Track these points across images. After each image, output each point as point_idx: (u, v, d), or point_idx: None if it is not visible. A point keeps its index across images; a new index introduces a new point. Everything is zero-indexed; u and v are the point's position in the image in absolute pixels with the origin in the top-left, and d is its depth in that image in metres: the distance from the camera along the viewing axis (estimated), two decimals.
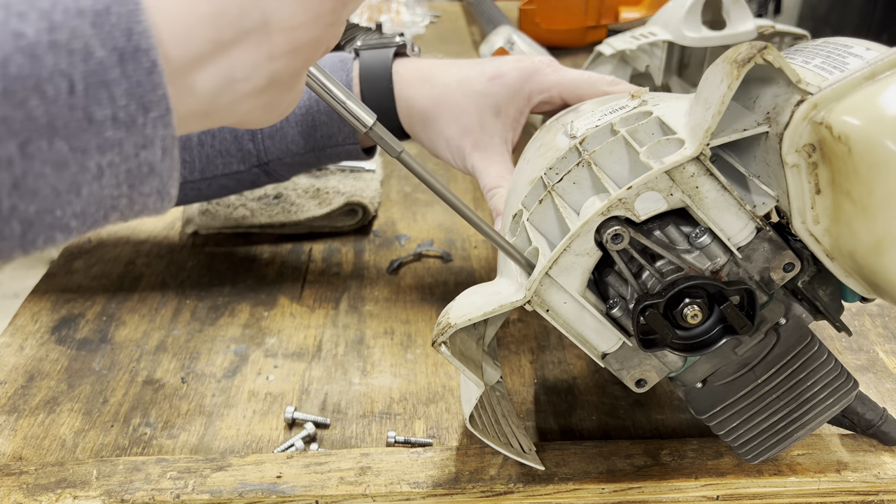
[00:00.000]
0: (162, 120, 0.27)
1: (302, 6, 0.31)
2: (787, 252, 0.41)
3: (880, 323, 0.65)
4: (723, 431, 0.45)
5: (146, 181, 0.28)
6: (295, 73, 0.34)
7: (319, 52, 0.35)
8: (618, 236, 0.39)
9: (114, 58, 0.25)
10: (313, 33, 0.33)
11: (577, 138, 0.45)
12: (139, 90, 0.26)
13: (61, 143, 0.25)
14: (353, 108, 0.41)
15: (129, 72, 0.26)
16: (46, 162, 0.25)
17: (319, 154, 0.66)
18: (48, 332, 0.64)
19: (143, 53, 0.26)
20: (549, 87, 0.61)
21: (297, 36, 0.32)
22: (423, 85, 0.62)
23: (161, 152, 0.28)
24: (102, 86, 0.25)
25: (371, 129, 0.42)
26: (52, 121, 0.25)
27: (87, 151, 0.26)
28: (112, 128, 0.26)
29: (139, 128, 0.27)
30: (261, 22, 0.30)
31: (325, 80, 0.41)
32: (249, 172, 0.66)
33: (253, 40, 0.30)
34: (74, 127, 0.25)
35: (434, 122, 0.62)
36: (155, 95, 0.27)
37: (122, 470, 0.48)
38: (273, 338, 0.64)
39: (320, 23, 0.33)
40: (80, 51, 0.25)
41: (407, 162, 0.43)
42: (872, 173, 0.34)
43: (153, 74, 0.26)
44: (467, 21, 1.62)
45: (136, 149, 0.27)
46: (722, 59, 0.38)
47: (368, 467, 0.48)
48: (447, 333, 0.42)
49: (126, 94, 0.26)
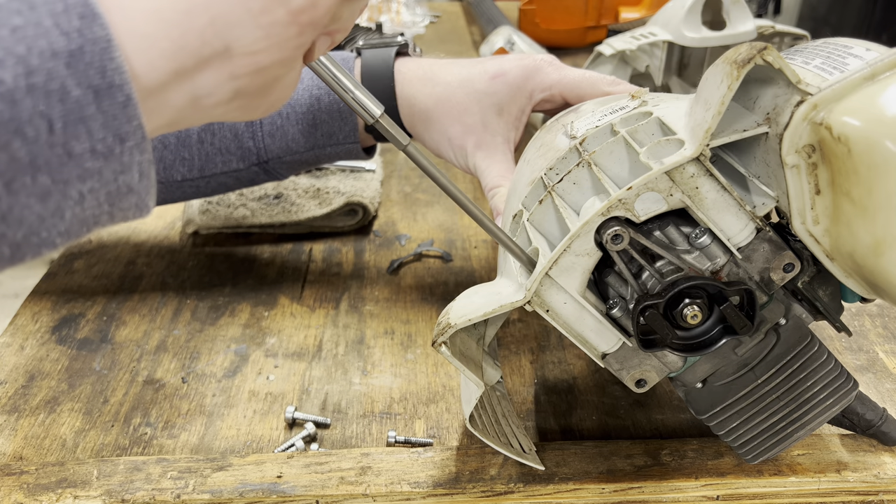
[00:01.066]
0: (138, 147, 0.29)
1: (264, 33, 0.32)
2: (787, 252, 0.41)
3: (880, 323, 0.65)
4: (723, 431, 0.45)
5: (125, 199, 0.30)
6: (263, 87, 0.35)
7: (291, 66, 0.35)
8: (618, 237, 0.39)
9: (89, 95, 0.27)
10: (278, 56, 0.33)
11: (578, 139, 0.45)
12: (115, 123, 0.27)
13: (44, 178, 0.26)
14: (361, 98, 0.42)
15: (104, 107, 0.27)
16: (31, 195, 0.26)
17: (319, 153, 0.66)
18: (48, 332, 0.64)
19: (118, 89, 0.27)
20: (550, 85, 0.61)
21: (259, 59, 0.33)
22: (424, 84, 0.62)
23: (138, 175, 0.29)
24: (80, 122, 0.27)
25: (378, 120, 0.42)
26: (34, 159, 0.26)
27: (68, 182, 0.27)
28: (91, 159, 0.27)
29: (117, 156, 0.28)
30: (222, 49, 0.31)
31: (335, 69, 0.41)
32: (249, 171, 0.66)
33: (215, 65, 0.31)
34: (56, 162, 0.26)
35: (436, 121, 0.62)
36: (130, 126, 0.28)
37: (122, 470, 0.48)
38: (273, 338, 0.64)
39: (286, 46, 0.33)
40: (57, 91, 0.26)
41: (413, 154, 0.43)
42: (872, 174, 0.34)
43: (128, 108, 0.28)
44: (467, 21, 1.62)
45: (114, 174, 0.28)
46: (722, 59, 0.38)
47: (369, 467, 0.48)
48: (447, 334, 0.42)
49: (103, 128, 0.27)
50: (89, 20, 0.26)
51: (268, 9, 0.31)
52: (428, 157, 0.43)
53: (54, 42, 0.26)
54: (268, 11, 0.31)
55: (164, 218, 0.81)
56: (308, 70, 0.64)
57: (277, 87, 0.36)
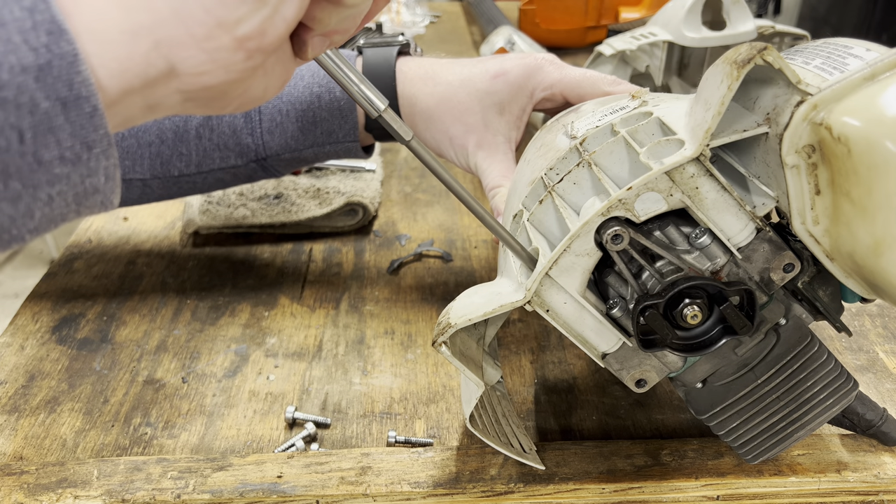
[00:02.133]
0: (104, 153, 0.30)
1: (209, 57, 0.32)
2: (787, 252, 0.41)
3: (880, 323, 0.65)
4: (723, 431, 0.45)
5: (91, 198, 0.31)
6: (219, 97, 0.35)
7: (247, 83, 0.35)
8: (618, 237, 0.39)
9: (58, 107, 0.28)
10: (224, 77, 0.33)
11: (578, 139, 0.45)
12: (82, 132, 0.29)
13: (15, 183, 0.28)
14: (366, 91, 0.42)
15: (72, 118, 0.28)
16: (3, 199, 0.28)
17: (318, 151, 0.66)
18: (49, 332, 0.64)
19: (85, 100, 0.28)
20: (551, 84, 0.61)
21: (206, 80, 0.33)
22: (426, 83, 0.63)
23: (104, 178, 0.31)
24: (49, 132, 0.28)
25: (382, 114, 0.42)
26: (6, 167, 0.27)
27: (38, 186, 0.29)
28: (60, 165, 0.29)
29: (84, 162, 0.29)
30: (166, 69, 0.31)
31: (341, 62, 0.41)
32: (247, 167, 0.66)
33: (162, 83, 0.32)
34: (26, 169, 0.28)
35: (437, 120, 0.62)
36: (97, 134, 0.29)
37: (122, 470, 0.48)
38: (273, 338, 0.64)
39: (233, 69, 0.33)
40: (27, 104, 0.27)
41: (416, 149, 0.43)
42: (872, 174, 0.34)
43: (94, 117, 0.29)
44: (467, 21, 1.62)
45: (81, 178, 0.30)
46: (722, 59, 0.38)
47: (369, 467, 0.48)
48: (447, 333, 0.42)
49: (71, 137, 0.29)
50: (57, 36, 0.27)
51: (212, 36, 0.31)
52: (430, 153, 0.43)
53: (23, 58, 0.27)
54: (212, 38, 0.31)
55: (164, 218, 0.81)
56: (309, 67, 0.64)
57: (236, 96, 0.36)
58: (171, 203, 0.84)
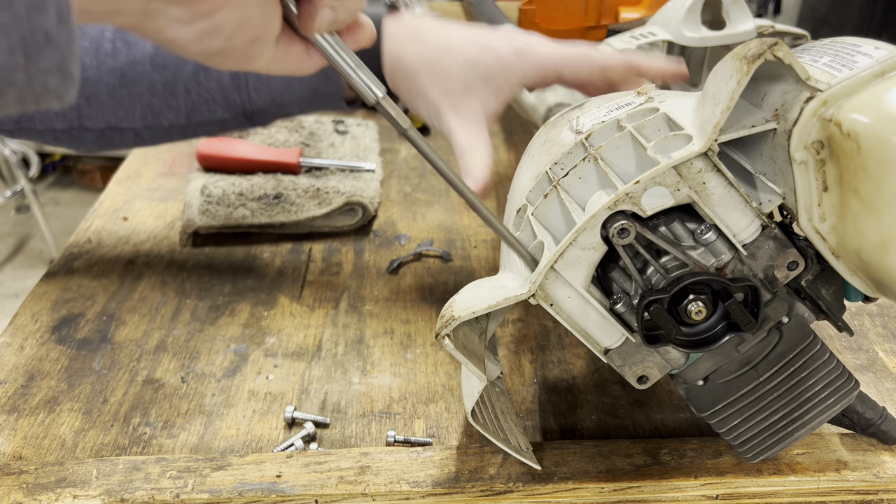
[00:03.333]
0: None
1: None
2: (792, 250, 0.40)
3: (880, 322, 0.65)
4: (723, 430, 0.45)
5: (43, 52, 0.28)
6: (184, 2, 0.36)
7: None
8: (624, 231, 0.39)
9: None
10: None
11: (583, 133, 0.45)
12: None
13: None
14: (364, 78, 0.42)
15: None
16: None
17: (304, 106, 0.67)
18: (48, 332, 0.64)
19: None
20: (543, 62, 0.62)
21: None
22: (413, 43, 0.62)
23: (56, 18, 0.27)
24: None
25: (380, 101, 0.42)
26: None
27: None
28: None
29: None
30: None
31: (339, 47, 0.41)
32: (234, 120, 0.67)
33: None
34: None
35: (418, 78, 0.62)
36: None
37: (121, 469, 0.48)
38: (273, 337, 0.63)
39: None
40: None
41: (413, 138, 0.42)
42: (881, 170, 0.34)
43: None
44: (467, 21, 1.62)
45: (27, 11, 0.26)
46: (731, 55, 0.37)
47: (368, 466, 0.48)
48: (451, 326, 0.41)
49: None
50: None
51: None
52: (428, 144, 0.43)
53: None
54: None
55: (163, 218, 0.81)
56: None
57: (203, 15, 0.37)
58: (171, 203, 0.84)
